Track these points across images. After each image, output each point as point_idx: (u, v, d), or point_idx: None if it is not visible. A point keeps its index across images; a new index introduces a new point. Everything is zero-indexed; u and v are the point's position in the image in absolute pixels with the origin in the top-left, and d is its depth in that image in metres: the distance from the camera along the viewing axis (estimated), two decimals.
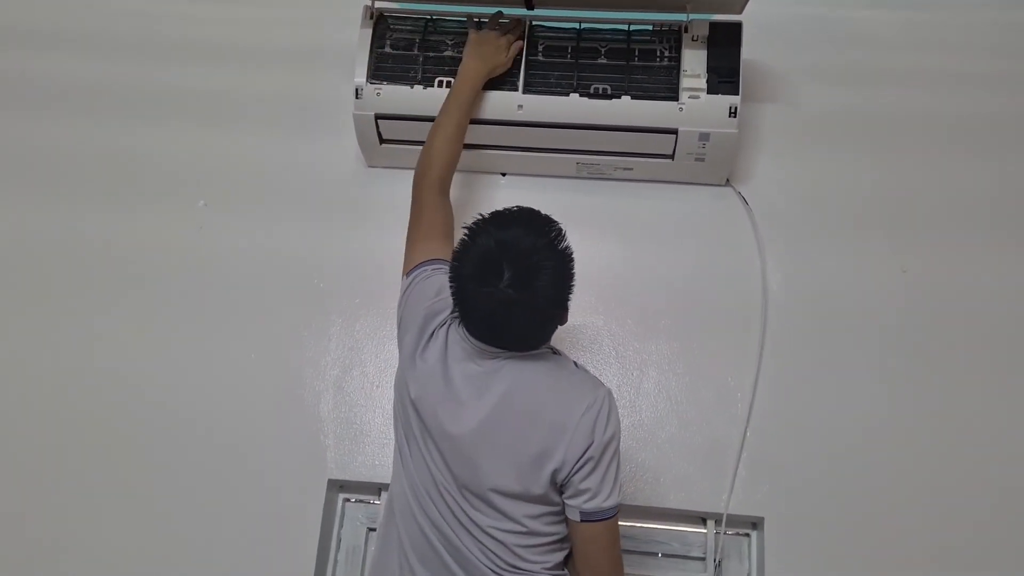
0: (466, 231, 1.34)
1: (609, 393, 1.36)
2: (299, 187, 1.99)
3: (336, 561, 1.81)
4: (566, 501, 1.34)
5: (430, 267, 1.53)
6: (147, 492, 1.81)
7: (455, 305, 1.36)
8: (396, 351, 1.81)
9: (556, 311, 1.35)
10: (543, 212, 1.36)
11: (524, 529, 1.34)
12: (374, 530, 1.81)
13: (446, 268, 1.45)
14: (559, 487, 1.34)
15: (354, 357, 1.86)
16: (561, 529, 1.37)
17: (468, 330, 1.36)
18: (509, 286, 1.26)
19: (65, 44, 2.18)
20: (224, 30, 2.18)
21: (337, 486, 1.82)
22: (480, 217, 1.34)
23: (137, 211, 1.99)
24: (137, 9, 2.21)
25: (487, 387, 1.35)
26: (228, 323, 1.89)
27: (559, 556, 1.38)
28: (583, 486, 1.32)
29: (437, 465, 1.37)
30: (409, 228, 1.62)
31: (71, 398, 1.87)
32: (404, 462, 1.44)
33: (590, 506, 1.32)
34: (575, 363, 1.44)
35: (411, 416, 1.41)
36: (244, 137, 2.04)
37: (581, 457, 1.31)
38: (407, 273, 1.55)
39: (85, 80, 2.12)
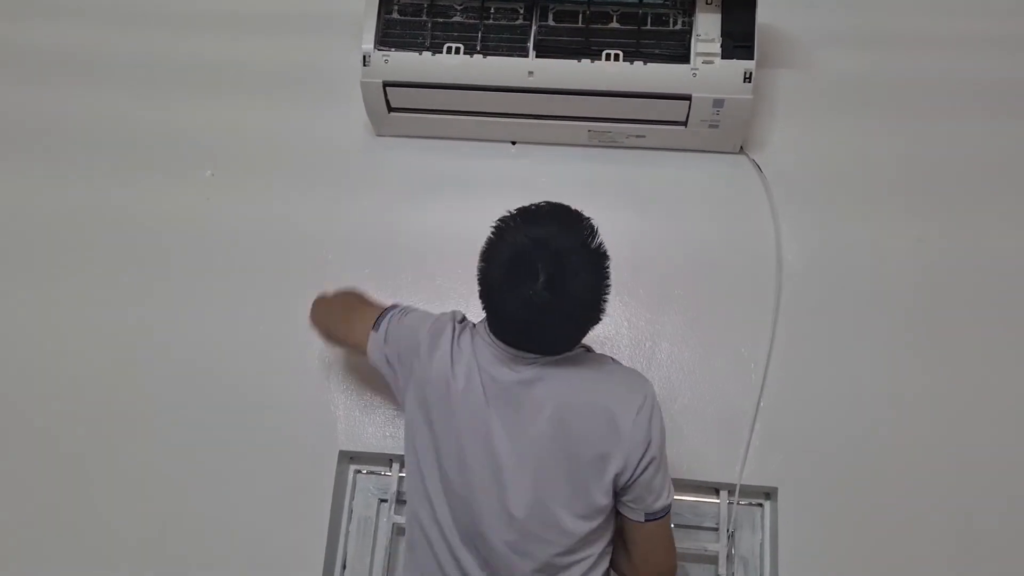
0: (494, 229, 1.27)
1: (652, 387, 1.33)
2: (307, 157, 1.96)
3: (348, 532, 1.81)
4: (628, 503, 1.30)
5: (394, 311, 1.49)
6: (158, 463, 1.80)
7: (485, 308, 1.30)
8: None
9: (593, 313, 1.28)
10: (573, 208, 1.30)
11: (577, 546, 1.30)
12: (385, 501, 1.80)
13: (409, 308, 1.46)
14: (619, 491, 1.30)
15: None
16: (606, 539, 1.34)
17: (499, 335, 1.31)
18: (545, 289, 1.20)
19: (71, 14, 2.15)
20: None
21: (348, 457, 1.82)
22: (509, 214, 1.28)
23: (145, 181, 1.97)
24: None
25: (528, 400, 1.29)
26: (236, 295, 1.88)
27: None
28: (650, 487, 1.29)
29: (478, 493, 1.29)
30: (339, 321, 1.60)
31: (81, 369, 1.86)
32: (429, 490, 1.35)
33: (657, 505, 1.30)
34: (611, 359, 1.41)
35: (441, 439, 1.33)
36: (251, 107, 2.01)
37: (643, 458, 1.27)
38: (375, 326, 1.48)
39: (92, 50, 2.10)
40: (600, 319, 1.30)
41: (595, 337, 1.70)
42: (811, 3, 2.00)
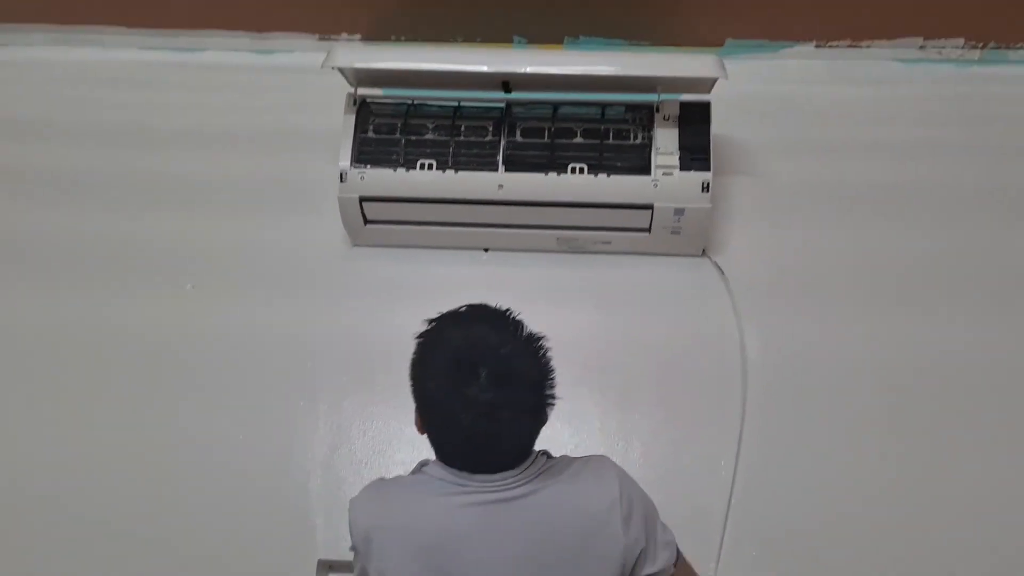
0: (421, 340, 1.20)
1: (615, 473, 1.26)
2: (285, 268, 2.02)
3: None
4: (647, 573, 1.23)
5: None
6: (136, 570, 1.79)
7: (428, 425, 1.19)
8: (383, 426, 1.85)
9: (543, 399, 1.18)
10: (494, 305, 1.24)
11: None
12: None
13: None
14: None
15: (342, 435, 1.86)
16: None
17: (449, 458, 1.18)
18: (489, 384, 1.11)
19: (53, 133, 2.24)
20: (210, 117, 2.25)
21: (327, 566, 1.81)
22: (434, 322, 1.21)
23: (125, 296, 2.01)
24: (124, 100, 2.29)
25: (501, 536, 1.17)
26: (216, 405, 1.89)
27: None
28: (658, 555, 1.24)
29: None
30: None
31: (60, 481, 1.85)
32: None
33: (670, 553, 1.26)
34: (567, 457, 1.31)
35: None
36: (231, 220, 2.09)
37: (639, 548, 1.21)
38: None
39: (74, 168, 2.18)
40: (552, 404, 1.20)
41: (567, 440, 1.76)
42: (762, 115, 2.15)
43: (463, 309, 1.23)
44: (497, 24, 2.26)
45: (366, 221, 1.92)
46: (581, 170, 1.83)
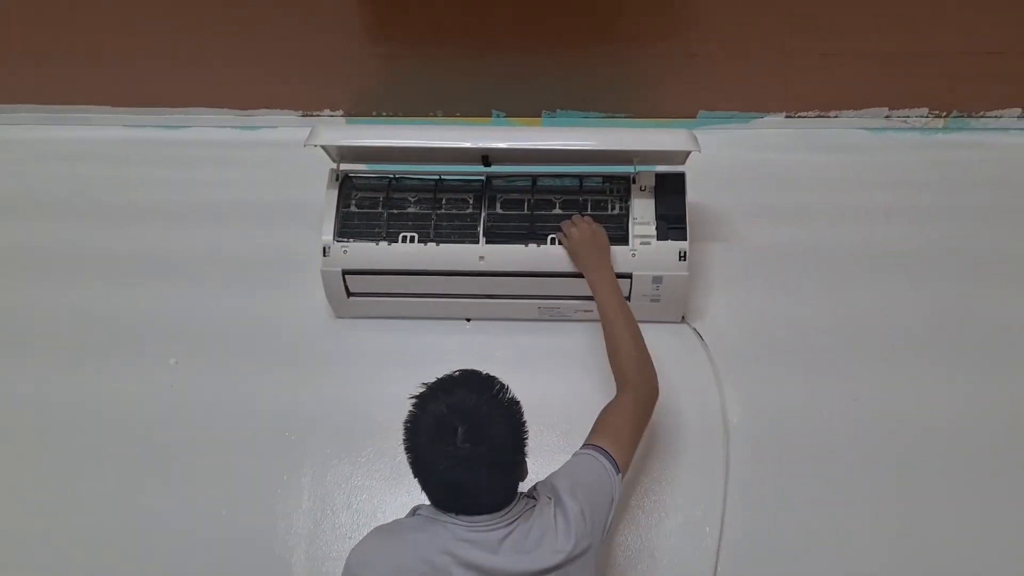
0: (415, 401, 1.38)
1: (556, 508, 1.41)
2: (269, 341, 2.03)
3: None
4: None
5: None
6: None
7: (419, 478, 1.37)
8: (368, 499, 1.85)
9: (516, 456, 1.38)
10: (483, 372, 1.41)
11: None
12: None
13: None
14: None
15: (326, 508, 1.85)
16: None
17: (437, 503, 1.38)
18: (465, 440, 1.30)
19: (39, 210, 2.27)
20: (194, 192, 2.29)
21: None
22: (426, 388, 1.39)
23: (109, 372, 2.01)
24: (111, 176, 2.33)
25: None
26: (199, 480, 1.88)
27: None
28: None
29: None
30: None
31: (42, 560, 1.83)
32: None
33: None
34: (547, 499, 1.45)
35: None
36: (215, 294, 2.11)
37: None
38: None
39: (59, 243, 2.20)
40: (525, 460, 1.40)
41: None
42: (736, 183, 2.21)
43: (455, 374, 1.41)
44: (476, 99, 2.32)
45: (349, 294, 1.94)
46: (561, 240, 1.86)
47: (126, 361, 2.03)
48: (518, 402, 1.39)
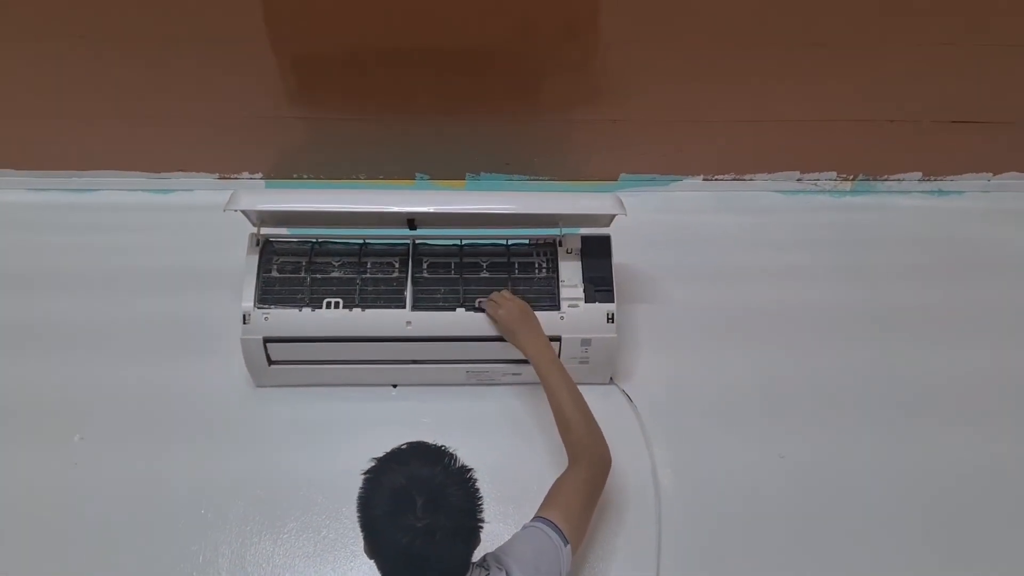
0: (368, 476, 1.36)
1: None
2: (183, 412, 1.94)
3: None
4: None
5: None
6: None
7: (376, 555, 1.35)
8: None
9: (473, 522, 1.36)
10: (431, 443, 1.41)
11: None
12: None
13: None
14: None
15: None
16: None
17: None
18: (424, 511, 1.29)
19: None
20: (103, 258, 2.21)
21: None
22: (378, 462, 1.37)
23: (5, 451, 1.88)
24: (12, 242, 2.22)
25: None
26: (106, 564, 1.76)
27: None
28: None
29: None
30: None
31: None
32: None
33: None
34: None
35: None
36: (125, 365, 2.01)
37: None
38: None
39: None
40: (482, 526, 1.38)
41: None
42: (654, 244, 2.26)
43: (404, 447, 1.41)
44: (399, 162, 2.31)
45: (271, 362, 1.88)
46: (488, 312, 1.84)
47: (24, 438, 1.90)
48: (470, 468, 1.39)
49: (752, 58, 2.07)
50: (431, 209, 1.80)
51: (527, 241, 1.95)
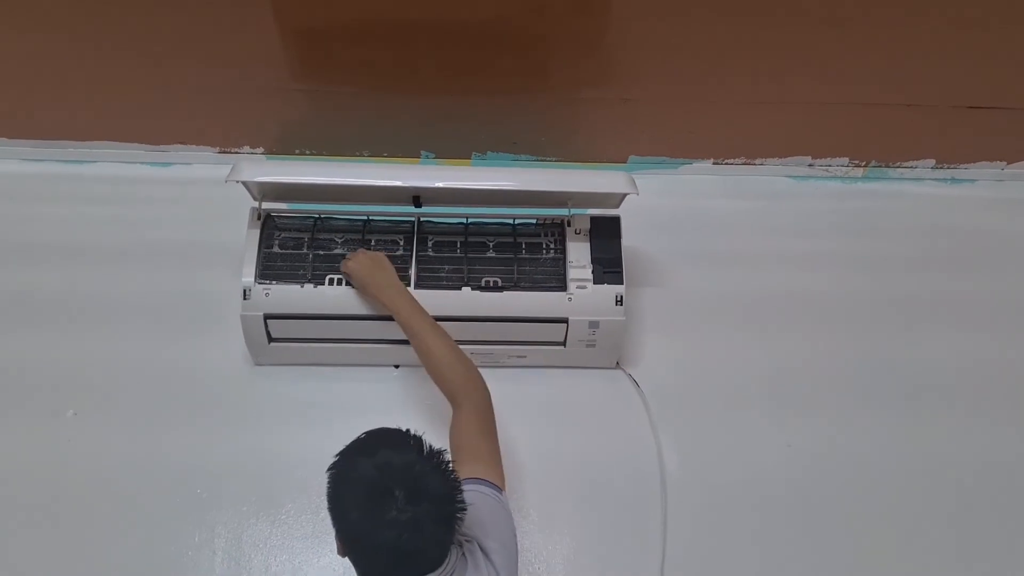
0: (333, 471, 1.28)
1: (482, 556, 1.37)
2: (180, 390, 1.90)
3: None
4: None
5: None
6: None
7: (356, 557, 1.28)
8: (288, 560, 1.72)
9: (454, 507, 1.29)
10: (392, 427, 1.34)
11: None
12: None
13: None
14: None
15: (241, 572, 1.71)
16: None
17: (377, 573, 1.29)
18: (407, 503, 1.22)
19: None
20: (100, 231, 2.16)
21: None
22: (340, 456, 1.30)
23: None
24: (5, 213, 2.17)
25: None
26: (100, 543, 1.72)
27: None
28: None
29: None
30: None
31: None
32: None
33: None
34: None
35: None
36: (121, 340, 1.96)
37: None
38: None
39: None
40: (464, 509, 1.30)
41: None
42: (669, 227, 2.24)
43: (363, 436, 1.33)
44: (404, 139, 2.27)
45: (271, 339, 1.83)
46: (495, 284, 1.80)
47: (16, 413, 1.86)
48: (441, 449, 1.31)
49: (766, 36, 2.02)
50: (438, 184, 1.76)
51: (534, 221, 1.91)
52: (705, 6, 1.95)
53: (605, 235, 1.86)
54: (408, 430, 1.33)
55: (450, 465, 1.31)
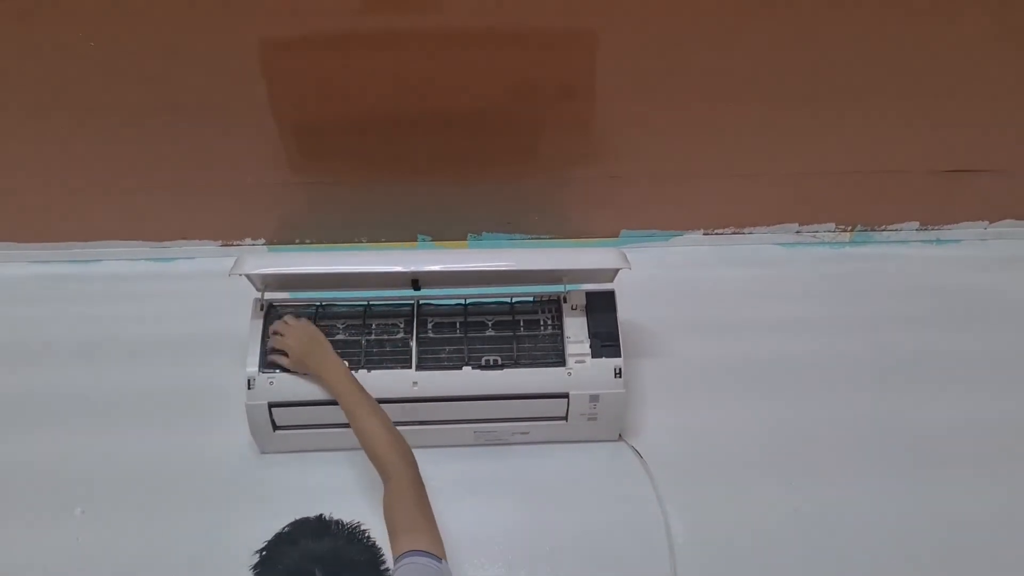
0: (258, 570, 1.31)
1: None
2: (187, 482, 1.90)
3: None
4: None
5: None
6: None
7: None
8: None
9: (378, 573, 1.32)
10: (309, 516, 1.39)
11: None
12: None
13: None
14: None
15: None
16: None
17: None
18: None
19: None
20: (105, 328, 2.19)
21: None
22: (261, 552, 1.33)
23: (5, 527, 1.84)
24: (14, 315, 2.22)
25: None
26: None
27: None
28: None
29: None
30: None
31: None
32: None
33: None
34: None
35: None
36: (127, 435, 1.98)
37: None
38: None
39: None
40: (388, 572, 1.34)
41: None
42: (657, 298, 2.26)
43: (286, 529, 1.38)
44: (401, 225, 2.33)
45: (276, 427, 1.85)
46: (495, 362, 1.84)
47: (24, 513, 1.86)
48: (357, 523, 1.36)
49: (745, 114, 2.10)
50: (438, 268, 1.80)
51: (531, 299, 1.95)
52: (686, 90, 2.03)
53: (601, 309, 1.89)
54: (322, 516, 1.38)
55: (368, 535, 1.35)
